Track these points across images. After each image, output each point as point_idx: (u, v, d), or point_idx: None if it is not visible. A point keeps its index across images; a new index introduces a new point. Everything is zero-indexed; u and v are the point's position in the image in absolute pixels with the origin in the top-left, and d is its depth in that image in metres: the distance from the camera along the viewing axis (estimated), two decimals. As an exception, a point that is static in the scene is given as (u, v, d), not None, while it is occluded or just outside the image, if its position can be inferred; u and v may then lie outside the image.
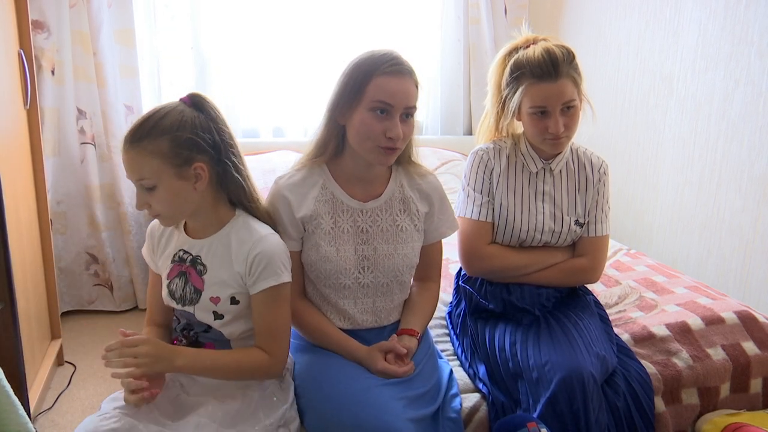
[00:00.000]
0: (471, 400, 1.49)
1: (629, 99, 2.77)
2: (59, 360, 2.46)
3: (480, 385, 1.53)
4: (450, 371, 1.51)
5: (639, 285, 1.97)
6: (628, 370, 1.52)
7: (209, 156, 1.29)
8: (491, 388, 1.50)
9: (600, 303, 1.74)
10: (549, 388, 1.37)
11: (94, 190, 2.81)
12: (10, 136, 2.02)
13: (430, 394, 1.39)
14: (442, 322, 1.82)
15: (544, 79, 1.49)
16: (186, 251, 1.37)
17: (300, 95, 3.12)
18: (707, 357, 1.63)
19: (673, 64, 2.49)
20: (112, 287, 2.94)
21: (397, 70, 1.36)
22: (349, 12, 3.13)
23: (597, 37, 2.96)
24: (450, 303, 1.83)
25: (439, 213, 1.55)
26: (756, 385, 1.66)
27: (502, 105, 1.61)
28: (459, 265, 1.72)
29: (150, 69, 2.93)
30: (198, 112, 1.29)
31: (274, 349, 1.33)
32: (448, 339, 1.74)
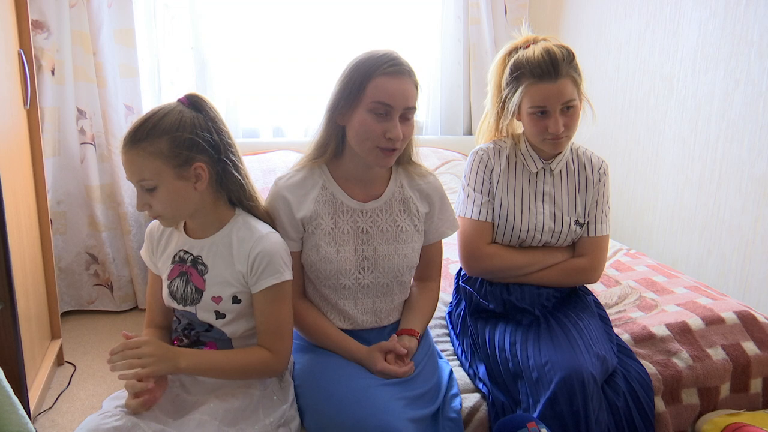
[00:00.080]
0: (471, 400, 1.48)
1: (629, 99, 2.77)
2: (59, 360, 2.46)
3: (480, 385, 1.53)
4: (450, 371, 1.51)
5: (639, 285, 1.97)
6: (628, 370, 1.52)
7: (209, 156, 1.29)
8: (491, 388, 1.50)
9: (600, 303, 1.74)
10: (549, 388, 1.37)
11: (94, 190, 2.81)
12: (10, 136, 2.02)
13: (430, 394, 1.39)
14: (442, 322, 1.82)
15: (544, 79, 1.50)
16: (186, 251, 1.37)
17: (300, 95, 3.13)
18: (707, 357, 1.63)
19: (673, 64, 2.49)
20: (112, 287, 2.94)
21: (397, 70, 1.36)
22: (350, 12, 3.13)
23: (597, 37, 2.96)
24: (450, 303, 1.83)
25: (440, 213, 1.54)
26: (756, 385, 1.67)
27: (502, 105, 1.61)
28: (459, 265, 1.72)
29: (150, 69, 2.94)
30: (197, 112, 1.30)
31: (277, 347, 1.34)
32: (448, 339, 1.74)
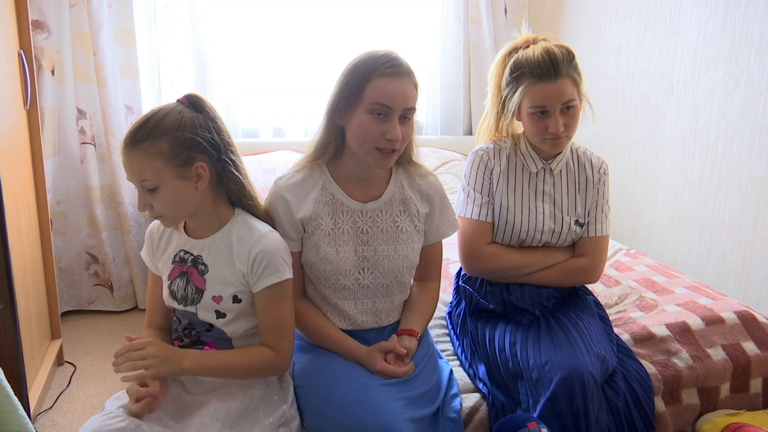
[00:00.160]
0: (471, 400, 1.48)
1: (629, 99, 2.77)
2: (59, 360, 2.46)
3: (480, 385, 1.53)
4: (450, 371, 1.51)
5: (639, 285, 1.97)
6: (628, 370, 1.52)
7: (209, 155, 1.29)
8: (491, 388, 1.50)
9: (600, 303, 1.74)
10: (549, 388, 1.37)
11: (94, 190, 2.80)
12: (10, 136, 2.02)
13: (430, 394, 1.39)
14: (442, 322, 1.82)
15: (543, 79, 1.50)
16: (187, 251, 1.37)
17: (300, 95, 3.13)
18: (707, 357, 1.63)
19: (673, 64, 2.49)
20: (112, 287, 2.94)
21: (396, 71, 1.35)
22: (350, 12, 3.13)
23: (597, 37, 2.95)
24: (450, 303, 1.83)
25: (440, 213, 1.54)
26: (756, 385, 1.67)
27: (502, 105, 1.61)
28: (459, 265, 1.72)
29: (150, 69, 2.94)
30: (197, 112, 1.30)
31: (279, 345, 1.34)
32: (448, 339, 1.74)
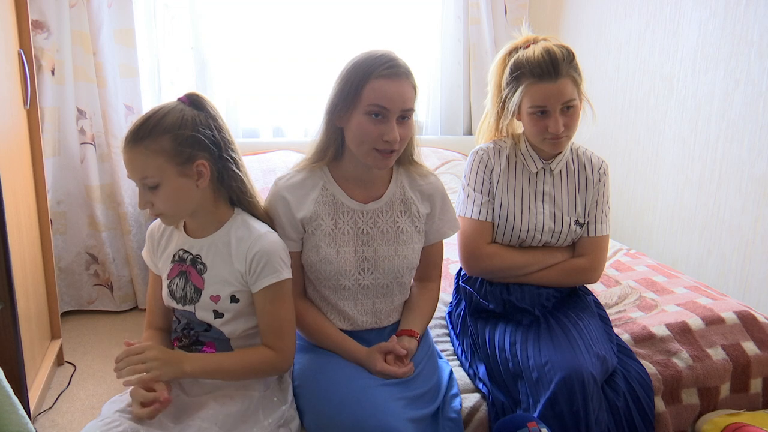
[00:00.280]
0: (471, 400, 1.48)
1: (629, 99, 2.77)
2: (59, 360, 2.46)
3: (480, 385, 1.53)
4: (450, 371, 1.51)
5: (639, 285, 1.97)
6: (628, 370, 1.52)
7: (210, 153, 1.29)
8: (491, 388, 1.50)
9: (600, 303, 1.74)
10: (549, 388, 1.37)
11: (94, 190, 2.80)
12: (10, 136, 2.02)
13: (429, 394, 1.39)
14: (442, 322, 1.82)
15: (544, 79, 1.50)
16: (186, 251, 1.37)
17: (300, 95, 3.12)
18: (707, 357, 1.63)
19: (673, 64, 2.49)
20: (112, 287, 2.94)
21: (393, 72, 1.35)
22: (350, 12, 3.13)
23: (597, 37, 2.95)
24: (450, 303, 1.83)
25: (441, 213, 1.54)
26: (756, 385, 1.67)
27: (502, 105, 1.61)
28: (459, 265, 1.72)
29: (150, 69, 2.94)
30: (197, 110, 1.30)
31: (280, 345, 1.34)
32: (448, 339, 1.74)
